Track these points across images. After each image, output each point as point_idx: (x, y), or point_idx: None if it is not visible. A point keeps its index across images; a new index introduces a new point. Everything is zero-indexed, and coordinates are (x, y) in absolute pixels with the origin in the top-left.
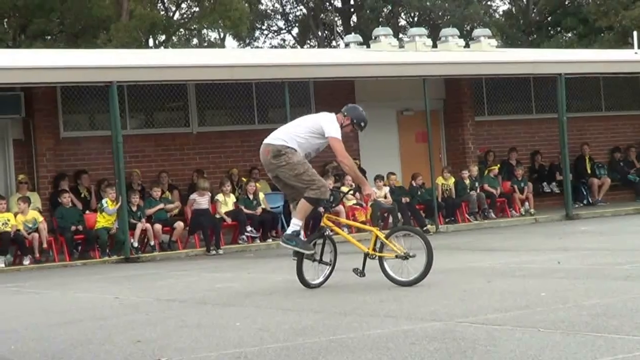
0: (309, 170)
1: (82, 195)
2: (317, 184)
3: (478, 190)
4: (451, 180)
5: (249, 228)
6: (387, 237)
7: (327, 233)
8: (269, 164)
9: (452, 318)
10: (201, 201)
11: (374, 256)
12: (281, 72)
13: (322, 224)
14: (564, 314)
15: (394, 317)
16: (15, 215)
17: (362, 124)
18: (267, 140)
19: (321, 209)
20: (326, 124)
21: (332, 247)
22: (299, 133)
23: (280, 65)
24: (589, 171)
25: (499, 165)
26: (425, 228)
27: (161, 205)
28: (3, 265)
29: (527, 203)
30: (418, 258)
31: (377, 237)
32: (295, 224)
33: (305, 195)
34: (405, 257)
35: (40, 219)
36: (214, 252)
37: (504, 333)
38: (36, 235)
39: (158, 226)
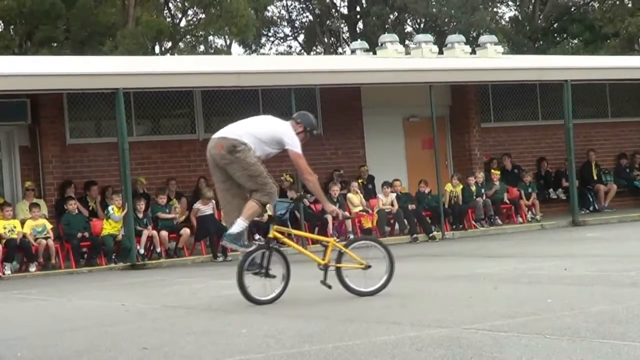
0: (264, 173)
1: (90, 208)
2: (269, 190)
3: (484, 197)
4: (459, 187)
5: (257, 236)
6: (346, 247)
7: (273, 245)
8: (221, 158)
9: (458, 325)
10: (205, 209)
11: (330, 267)
12: (287, 78)
13: (269, 235)
14: (570, 320)
15: (400, 324)
16: (23, 222)
17: (315, 131)
18: (220, 134)
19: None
20: (288, 138)
21: (282, 259)
22: (259, 135)
23: (286, 72)
24: (595, 177)
25: (499, 172)
26: (431, 235)
27: (172, 215)
28: (9, 272)
29: (533, 209)
30: (379, 267)
31: (332, 247)
32: (241, 224)
33: (256, 197)
34: (366, 267)
35: (50, 225)
36: (220, 259)
37: (510, 340)
38: (44, 242)
39: (164, 233)
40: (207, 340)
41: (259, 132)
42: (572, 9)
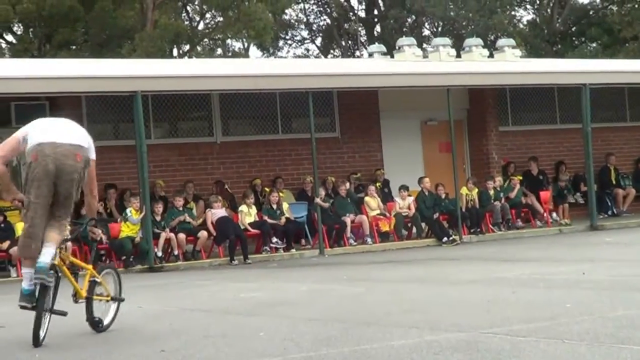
0: None
1: (109, 210)
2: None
3: (502, 201)
4: (475, 191)
5: (274, 239)
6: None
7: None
8: (73, 171)
9: (476, 329)
10: (217, 211)
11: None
12: (305, 81)
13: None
14: (589, 325)
15: (418, 328)
16: None
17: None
18: (73, 141)
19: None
20: (92, 146)
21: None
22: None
23: (304, 75)
24: (613, 182)
25: (520, 176)
26: (451, 238)
27: (181, 218)
28: None
29: (554, 213)
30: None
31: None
32: (53, 253)
33: (64, 223)
34: (115, 299)
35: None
36: (236, 262)
37: (529, 344)
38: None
39: (182, 236)
40: (225, 343)
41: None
42: (591, 13)
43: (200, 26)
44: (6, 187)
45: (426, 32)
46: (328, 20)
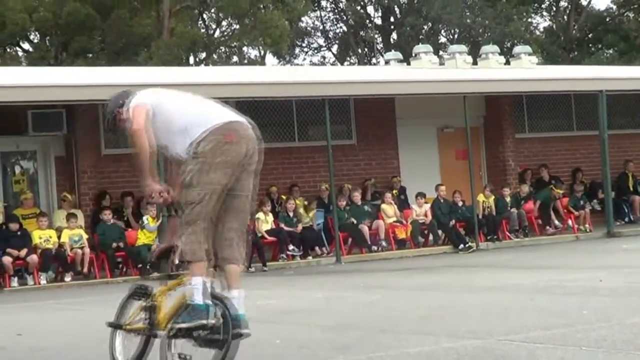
0: None
1: (125, 218)
2: None
3: (520, 208)
4: (491, 198)
5: (291, 247)
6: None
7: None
8: (256, 154)
9: (493, 336)
10: None
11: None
12: (321, 89)
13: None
14: (606, 332)
15: (435, 335)
16: (59, 231)
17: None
18: (245, 120)
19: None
20: None
21: None
22: None
23: (320, 82)
24: (631, 189)
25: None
26: (467, 245)
27: None
28: (45, 281)
29: (579, 220)
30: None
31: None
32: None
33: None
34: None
35: (86, 235)
36: (252, 269)
37: (546, 351)
38: (79, 251)
39: None
40: (240, 349)
41: None
42: (607, 20)
43: (217, 34)
44: (149, 171)
45: (442, 40)
46: (344, 28)
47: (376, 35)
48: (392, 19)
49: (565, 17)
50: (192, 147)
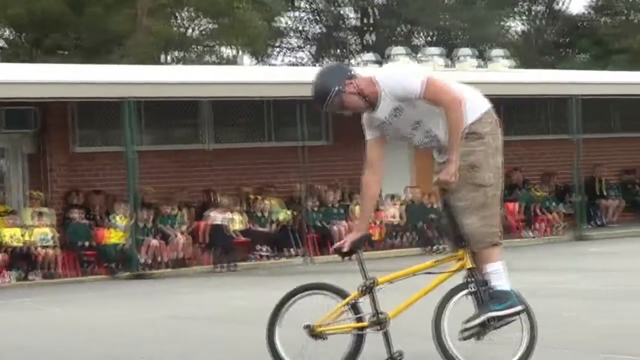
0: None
1: (92, 215)
2: None
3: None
4: None
5: (263, 247)
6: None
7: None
8: None
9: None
10: (218, 217)
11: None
12: (297, 89)
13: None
14: (575, 334)
15: (402, 336)
16: (28, 228)
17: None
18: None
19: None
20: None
21: None
22: None
23: (296, 82)
24: (600, 192)
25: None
26: (438, 247)
27: (173, 235)
28: (13, 280)
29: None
30: None
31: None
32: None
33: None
34: None
35: (55, 234)
36: (223, 269)
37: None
38: (50, 251)
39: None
40: (214, 349)
41: None
42: (584, 24)
43: (194, 33)
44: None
45: (419, 41)
46: (321, 29)
47: (352, 37)
48: (368, 21)
49: (543, 20)
50: (466, 128)
